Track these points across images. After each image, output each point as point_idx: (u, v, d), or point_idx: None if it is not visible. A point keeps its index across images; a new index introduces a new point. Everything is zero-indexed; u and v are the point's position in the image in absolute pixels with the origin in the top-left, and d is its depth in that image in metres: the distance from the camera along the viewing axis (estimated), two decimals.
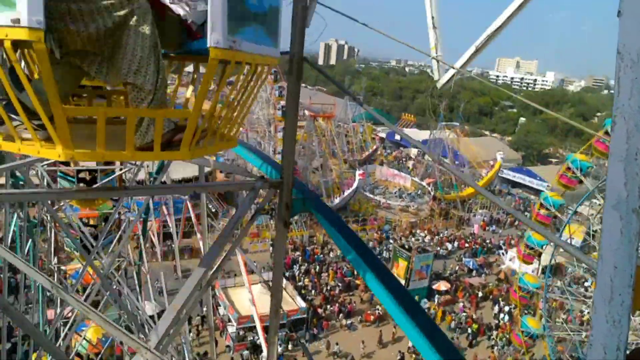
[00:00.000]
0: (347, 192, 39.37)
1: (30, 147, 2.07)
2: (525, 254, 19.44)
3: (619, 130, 1.12)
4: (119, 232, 13.29)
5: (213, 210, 38.30)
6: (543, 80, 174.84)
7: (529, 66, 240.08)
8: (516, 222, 46.03)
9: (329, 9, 3.55)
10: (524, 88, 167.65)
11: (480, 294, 30.86)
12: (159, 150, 2.18)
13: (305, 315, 25.28)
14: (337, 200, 40.29)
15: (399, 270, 29.76)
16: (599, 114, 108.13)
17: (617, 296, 1.09)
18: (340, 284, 30.61)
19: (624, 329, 1.10)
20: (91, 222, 14.44)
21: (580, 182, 19.00)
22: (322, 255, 34.55)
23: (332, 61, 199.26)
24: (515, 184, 56.63)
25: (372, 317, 27.36)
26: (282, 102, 36.84)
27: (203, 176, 6.46)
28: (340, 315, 27.09)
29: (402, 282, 29.39)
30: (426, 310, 28.70)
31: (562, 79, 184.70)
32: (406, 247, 30.03)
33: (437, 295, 30.25)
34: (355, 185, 38.60)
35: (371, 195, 44.61)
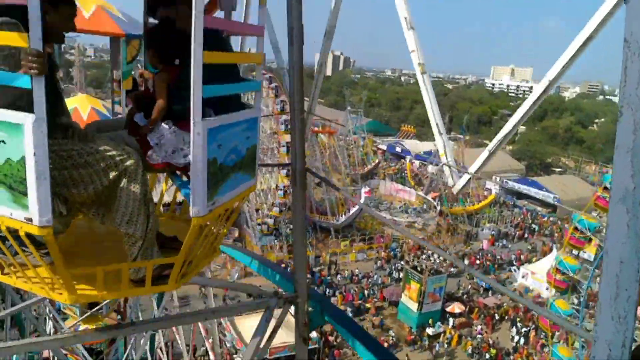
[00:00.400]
0: (353, 210, 38.29)
1: (41, 289, 2.45)
2: (558, 280, 18.28)
3: (626, 121, 1.10)
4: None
5: None
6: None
7: (524, 73, 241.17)
8: (526, 235, 45.06)
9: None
10: (520, 96, 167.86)
11: (496, 316, 29.74)
12: (149, 285, 2.61)
13: (316, 345, 24.05)
14: (342, 219, 39.20)
15: (411, 293, 28.62)
16: (597, 120, 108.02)
17: (624, 292, 1.08)
18: (350, 308, 29.38)
19: (630, 326, 1.08)
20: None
21: (590, 240, 17.92)
22: (329, 277, 33.36)
23: (328, 72, 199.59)
24: (521, 195, 55.75)
25: (385, 344, 26.11)
26: (285, 117, 35.84)
27: None
28: None
29: (415, 305, 28.25)
30: (442, 334, 27.55)
31: (557, 86, 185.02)
32: (418, 268, 28.85)
33: (451, 318, 29.10)
34: (362, 202, 37.48)
35: (377, 213, 43.53)
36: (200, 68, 2.32)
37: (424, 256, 36.66)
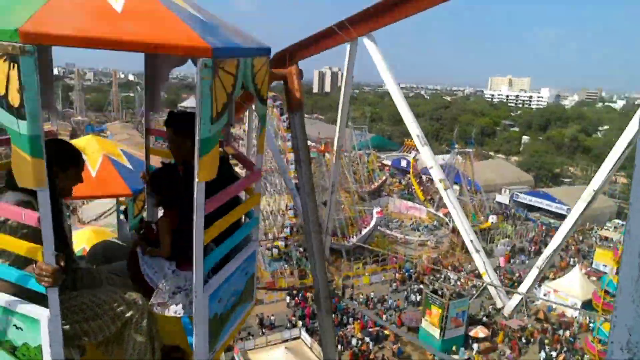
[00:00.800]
0: (365, 231, 37.00)
1: None
2: (606, 302, 16.91)
3: None
4: None
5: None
6: (539, 97, 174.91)
7: (521, 83, 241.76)
8: (542, 250, 43.65)
9: None
10: (520, 105, 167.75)
11: (522, 339, 28.26)
12: None
13: None
14: (354, 239, 37.86)
15: (432, 318, 27.23)
16: (600, 128, 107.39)
17: None
18: (367, 337, 27.92)
19: None
20: None
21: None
22: (343, 304, 31.90)
23: (327, 88, 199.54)
24: (532, 208, 54.45)
25: None
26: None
27: None
28: None
29: (437, 331, 26.82)
30: None
31: (557, 94, 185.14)
32: (439, 292, 27.47)
33: (475, 344, 27.61)
34: (372, 223, 36.28)
35: (388, 232, 42.26)
36: (201, 247, 2.42)
37: (441, 277, 35.32)
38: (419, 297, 32.69)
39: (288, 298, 32.30)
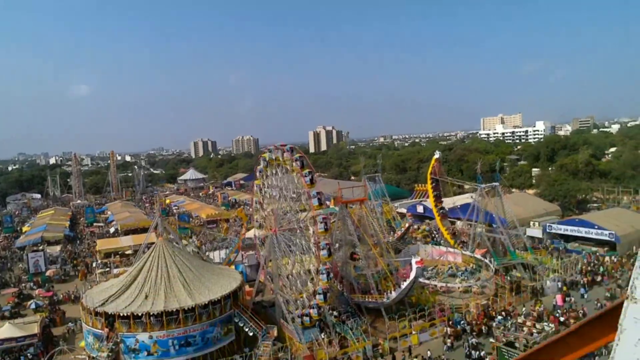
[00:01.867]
0: (405, 284, 32.96)
1: None
2: None
3: None
4: None
5: (250, 334, 31.49)
6: (534, 130, 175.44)
7: (513, 120, 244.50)
8: (599, 279, 39.51)
9: None
10: (518, 140, 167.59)
11: None
12: None
13: None
14: (393, 295, 33.76)
15: None
16: (607, 152, 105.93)
17: None
18: None
19: None
20: None
21: None
22: None
23: (323, 147, 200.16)
24: (569, 238, 50.63)
25: None
26: (315, 190, 31.84)
27: None
28: None
29: None
30: None
31: (552, 126, 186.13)
32: (515, 344, 23.32)
33: None
34: (413, 274, 32.37)
35: (427, 281, 38.22)
36: None
37: (507, 326, 30.93)
38: (482, 353, 28.31)
39: None
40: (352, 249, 37.91)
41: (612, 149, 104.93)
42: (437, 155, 50.62)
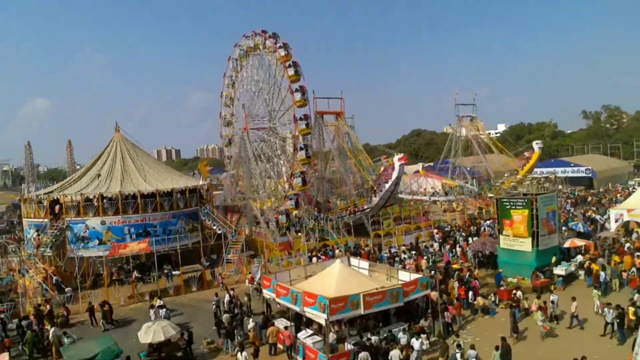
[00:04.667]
0: (388, 185, 30.50)
1: None
2: None
3: None
4: None
5: (219, 231, 27.88)
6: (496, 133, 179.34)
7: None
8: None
9: None
10: None
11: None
12: None
13: None
14: (376, 199, 31.26)
15: (515, 228, 20.61)
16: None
17: None
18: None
19: None
20: None
21: None
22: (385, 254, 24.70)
23: None
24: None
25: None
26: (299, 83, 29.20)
27: None
28: None
29: (528, 242, 20.06)
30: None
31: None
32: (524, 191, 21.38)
33: (579, 256, 21.26)
34: (395, 174, 30.02)
35: (409, 196, 36.03)
36: None
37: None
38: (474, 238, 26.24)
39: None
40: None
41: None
42: None
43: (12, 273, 24.48)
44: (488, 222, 31.39)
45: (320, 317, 12.78)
